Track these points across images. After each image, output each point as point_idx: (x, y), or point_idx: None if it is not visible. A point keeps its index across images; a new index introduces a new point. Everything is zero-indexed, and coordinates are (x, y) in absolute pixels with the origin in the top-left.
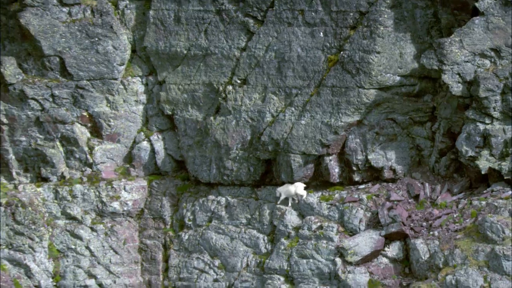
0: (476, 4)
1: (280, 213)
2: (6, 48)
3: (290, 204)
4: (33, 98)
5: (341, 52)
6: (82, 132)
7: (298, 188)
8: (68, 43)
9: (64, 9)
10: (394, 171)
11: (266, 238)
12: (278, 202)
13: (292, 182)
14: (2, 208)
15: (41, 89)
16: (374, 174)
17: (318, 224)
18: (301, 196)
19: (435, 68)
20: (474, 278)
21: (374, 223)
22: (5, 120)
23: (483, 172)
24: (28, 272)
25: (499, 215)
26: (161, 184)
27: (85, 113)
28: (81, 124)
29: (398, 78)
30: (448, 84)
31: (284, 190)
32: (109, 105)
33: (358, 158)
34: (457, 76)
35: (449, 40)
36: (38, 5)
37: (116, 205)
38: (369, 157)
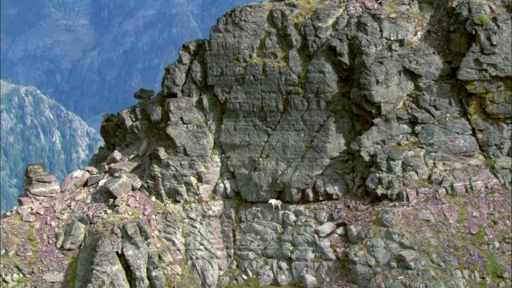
0: (374, 121)
1: (287, 215)
2: (160, 143)
3: (278, 208)
4: (172, 165)
5: (312, 143)
6: (193, 180)
7: (277, 202)
8: (186, 140)
9: (184, 126)
10: (337, 195)
11: (280, 226)
12: (273, 208)
13: (289, 201)
14: (160, 215)
15: (175, 161)
16: (328, 196)
17: (304, 219)
18: (277, 206)
19: (357, 149)
20: (380, 242)
21: (331, 218)
22: (162, 176)
23: (379, 195)
24: (174, 243)
25: (388, 214)
26: (229, 202)
27: (194, 172)
28: (193, 177)
29: (338, 153)
30: (363, 156)
31: (273, 202)
32: (204, 167)
33: (321, 189)
34: (367, 152)
35: (362, 137)
36: (173, 124)
37: (210, 212)
38: (326, 189)
